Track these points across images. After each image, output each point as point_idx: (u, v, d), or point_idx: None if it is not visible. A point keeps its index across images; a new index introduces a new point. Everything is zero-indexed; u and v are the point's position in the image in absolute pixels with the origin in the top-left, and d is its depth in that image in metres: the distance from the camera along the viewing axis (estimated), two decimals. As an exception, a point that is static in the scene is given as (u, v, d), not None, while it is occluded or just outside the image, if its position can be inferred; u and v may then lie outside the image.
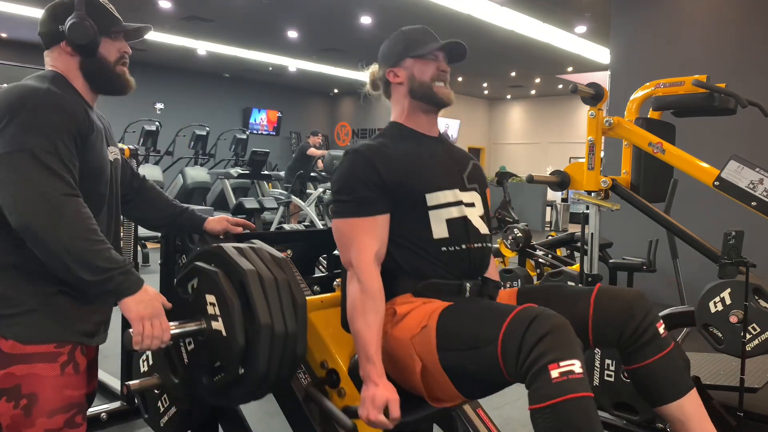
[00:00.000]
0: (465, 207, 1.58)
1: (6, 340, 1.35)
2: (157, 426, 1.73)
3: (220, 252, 1.46)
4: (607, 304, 1.47)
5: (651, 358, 1.44)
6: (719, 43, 5.10)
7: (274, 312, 1.40)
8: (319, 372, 1.62)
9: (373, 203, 1.51)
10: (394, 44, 1.67)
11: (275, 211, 7.47)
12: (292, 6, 8.18)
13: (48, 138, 1.29)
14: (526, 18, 8.25)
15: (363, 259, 1.47)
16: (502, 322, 1.28)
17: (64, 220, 1.26)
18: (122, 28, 1.49)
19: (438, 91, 1.62)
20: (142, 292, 1.33)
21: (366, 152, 1.55)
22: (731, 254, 2.11)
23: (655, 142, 2.33)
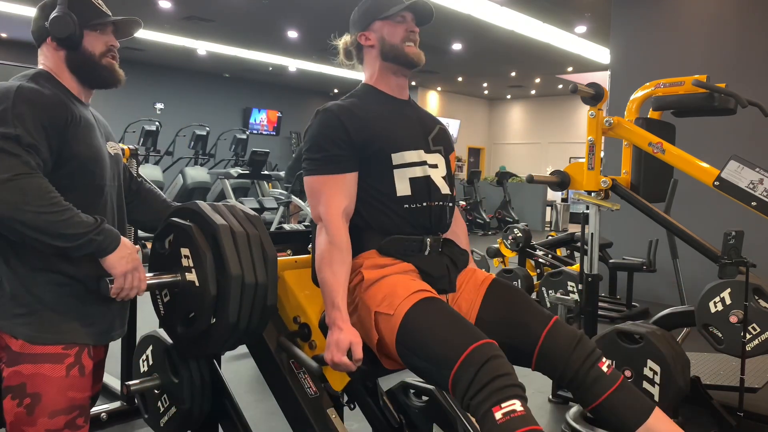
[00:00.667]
0: (428, 167, 1.63)
1: (16, 339, 1.37)
2: (157, 426, 1.73)
3: (194, 208, 1.51)
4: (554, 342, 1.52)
5: (603, 396, 1.48)
6: (719, 43, 5.11)
7: (244, 264, 1.45)
8: (292, 326, 1.69)
9: (341, 161, 1.56)
10: (364, 9, 1.73)
11: (275, 211, 7.47)
12: (292, 6, 8.18)
13: (10, 127, 1.29)
14: (526, 18, 8.25)
15: (331, 213, 1.53)
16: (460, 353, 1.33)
17: (25, 199, 1.26)
18: (107, 21, 1.50)
19: (408, 51, 1.67)
20: (121, 247, 1.36)
21: (335, 111, 1.60)
22: (731, 254, 2.12)
23: (655, 142, 2.33)
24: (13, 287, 1.38)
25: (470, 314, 1.61)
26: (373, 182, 1.60)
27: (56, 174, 1.36)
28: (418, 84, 14.77)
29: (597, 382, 1.49)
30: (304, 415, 1.59)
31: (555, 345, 1.52)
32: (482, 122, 17.21)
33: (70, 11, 1.44)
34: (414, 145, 1.64)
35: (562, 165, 2.51)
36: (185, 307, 1.48)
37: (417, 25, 1.70)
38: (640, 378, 2.14)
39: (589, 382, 1.49)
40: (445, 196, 1.66)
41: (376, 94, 1.72)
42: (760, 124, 3.32)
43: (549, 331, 1.54)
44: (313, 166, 1.58)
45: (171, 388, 1.66)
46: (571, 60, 10.75)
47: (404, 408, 1.90)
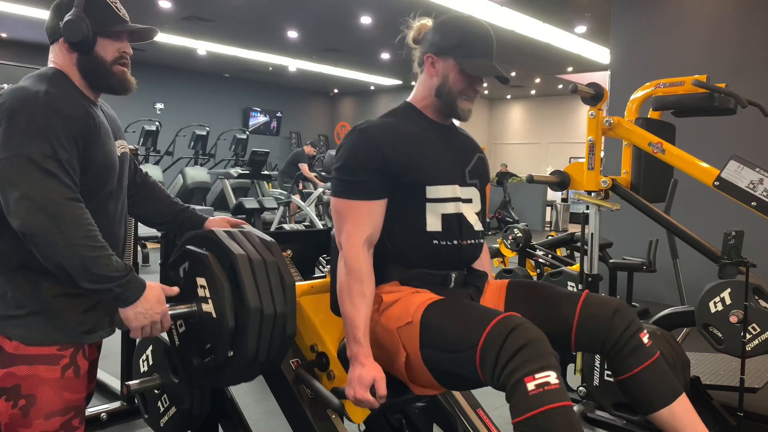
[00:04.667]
0: (462, 203, 1.58)
1: (10, 340, 1.36)
2: (157, 426, 1.73)
3: (210, 236, 1.48)
4: (592, 312, 1.48)
5: (637, 368, 1.45)
6: (719, 43, 5.10)
7: (263, 294, 1.41)
8: (309, 355, 1.64)
9: (371, 187, 1.50)
10: (449, 34, 1.59)
11: (275, 211, 7.47)
12: (292, 6, 8.18)
13: (47, 142, 1.28)
14: (526, 18, 8.25)
15: (353, 242, 1.48)
16: (482, 330, 1.29)
17: (64, 226, 1.25)
18: (122, 30, 1.48)
19: (461, 106, 1.59)
20: (142, 300, 1.33)
21: (373, 133, 1.52)
22: (731, 254, 2.11)
23: (655, 142, 2.33)
24: (6, 288, 1.37)
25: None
26: (403, 212, 1.53)
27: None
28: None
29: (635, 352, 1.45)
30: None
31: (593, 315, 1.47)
32: (482, 122, 17.20)
33: (86, 15, 1.41)
34: (450, 179, 1.56)
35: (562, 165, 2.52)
36: (201, 338, 1.45)
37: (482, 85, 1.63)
38: (640, 378, 2.14)
39: (628, 351, 1.45)
40: (477, 233, 1.61)
41: (417, 115, 1.63)
42: (760, 124, 3.32)
43: (583, 304, 1.49)
44: (341, 188, 1.51)
45: (171, 388, 1.66)
46: (571, 60, 10.75)
47: (404, 408, 1.90)
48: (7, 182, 1.26)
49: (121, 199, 1.55)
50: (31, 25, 9.63)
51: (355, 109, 16.83)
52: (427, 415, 1.87)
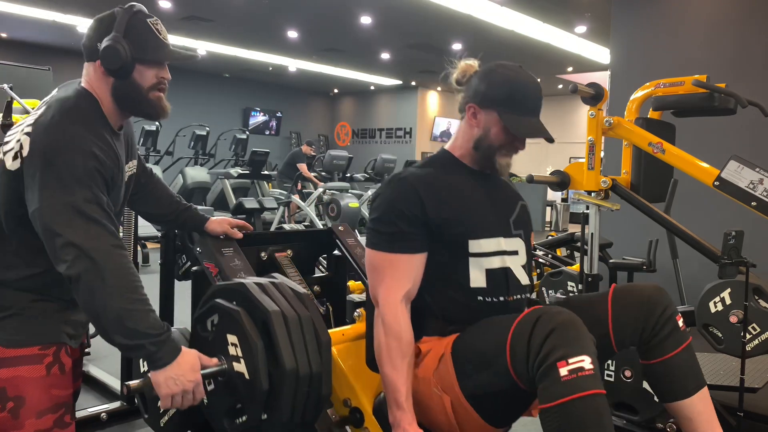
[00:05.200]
0: (507, 256, 1.49)
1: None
2: (157, 426, 1.73)
3: (241, 289, 1.40)
4: (625, 303, 1.44)
5: (669, 354, 1.42)
6: (719, 43, 5.10)
7: (298, 354, 1.34)
8: (342, 410, 1.56)
9: (411, 240, 1.42)
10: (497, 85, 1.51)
11: (275, 211, 7.47)
12: (292, 6, 8.18)
13: (87, 187, 1.27)
14: (526, 18, 8.25)
15: (391, 299, 1.40)
16: (509, 326, 1.25)
17: (106, 274, 1.23)
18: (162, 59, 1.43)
19: (500, 161, 1.54)
20: (174, 365, 1.27)
21: (413, 183, 1.45)
22: (731, 254, 2.11)
23: (655, 142, 2.33)
24: None
25: None
26: (444, 267, 1.45)
27: None
28: (418, 84, 14.76)
29: (669, 337, 1.41)
30: None
31: (626, 305, 1.43)
32: (482, 122, 17.20)
33: (126, 39, 1.35)
34: (494, 232, 1.49)
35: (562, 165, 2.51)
36: (232, 398, 1.38)
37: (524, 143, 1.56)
38: (640, 378, 2.13)
39: (664, 335, 1.41)
40: (524, 288, 1.53)
41: (457, 165, 1.56)
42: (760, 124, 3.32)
43: (613, 298, 1.44)
44: (379, 240, 1.44)
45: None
46: (571, 60, 10.75)
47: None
48: (51, 229, 1.24)
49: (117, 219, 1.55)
50: (31, 25, 9.63)
51: (355, 109, 16.83)
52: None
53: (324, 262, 2.47)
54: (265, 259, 2.14)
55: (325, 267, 2.45)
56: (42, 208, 1.25)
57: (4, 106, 2.57)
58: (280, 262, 2.15)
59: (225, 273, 1.82)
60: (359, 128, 16.50)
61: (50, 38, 10.82)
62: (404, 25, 8.88)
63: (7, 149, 1.34)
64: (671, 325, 1.43)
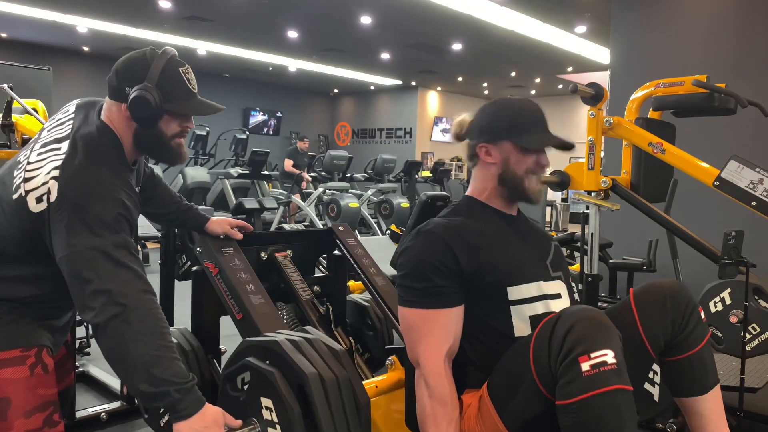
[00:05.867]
0: (550, 301, 1.42)
1: None
2: (157, 426, 1.73)
3: (275, 348, 1.34)
4: (649, 307, 1.39)
5: (693, 350, 1.39)
6: (719, 43, 5.10)
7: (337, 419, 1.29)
8: None
9: (447, 293, 1.35)
10: (497, 119, 1.50)
11: (275, 211, 7.47)
12: (292, 6, 8.18)
13: (116, 232, 1.26)
14: (526, 18, 8.25)
15: (433, 360, 1.33)
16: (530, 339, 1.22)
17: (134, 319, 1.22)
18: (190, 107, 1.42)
19: (529, 187, 1.47)
20: (198, 417, 1.23)
21: (443, 235, 1.38)
22: (731, 254, 2.11)
23: (655, 142, 2.33)
24: None
25: None
26: (484, 318, 1.38)
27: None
28: (418, 84, 14.77)
29: (696, 330, 1.38)
30: None
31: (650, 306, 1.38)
32: (482, 122, 17.20)
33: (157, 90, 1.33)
34: (533, 276, 1.41)
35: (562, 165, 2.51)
36: None
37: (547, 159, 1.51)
38: (640, 378, 2.13)
39: (688, 331, 1.37)
40: None
41: (485, 209, 1.50)
42: (760, 124, 3.32)
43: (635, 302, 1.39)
44: (413, 297, 1.36)
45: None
46: (571, 60, 10.75)
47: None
48: (80, 276, 1.24)
49: None
50: (31, 25, 9.63)
51: (355, 109, 16.82)
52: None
53: (324, 262, 2.47)
54: (265, 259, 2.14)
55: (325, 267, 2.45)
56: (71, 255, 1.24)
57: (4, 106, 2.57)
58: (280, 262, 2.15)
59: (225, 273, 1.82)
60: (359, 128, 16.49)
61: (50, 38, 10.82)
62: (404, 25, 8.88)
63: (30, 188, 1.30)
64: (695, 319, 1.40)
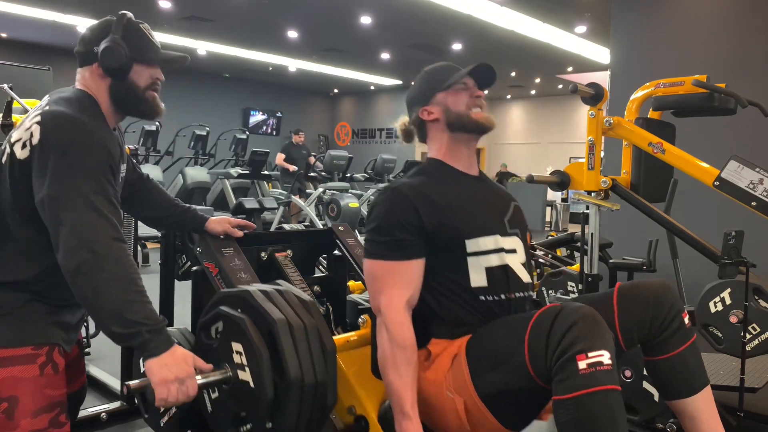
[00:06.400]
0: (506, 254, 1.50)
1: None
2: (157, 426, 1.73)
3: (246, 297, 1.40)
4: (630, 302, 1.44)
5: (673, 351, 1.42)
6: (719, 43, 5.10)
7: (304, 363, 1.34)
8: (346, 418, 1.55)
9: (410, 247, 1.44)
10: (421, 84, 1.64)
11: (275, 211, 7.47)
12: (292, 6, 8.18)
13: (96, 179, 1.29)
14: (526, 18, 8.25)
15: (393, 307, 1.41)
16: (527, 324, 1.25)
17: (106, 266, 1.25)
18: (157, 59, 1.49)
19: (477, 117, 1.58)
20: (168, 354, 1.28)
21: (407, 192, 1.48)
22: (731, 254, 2.11)
23: (655, 142, 2.33)
24: None
25: None
26: (444, 270, 1.47)
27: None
28: (418, 84, 14.74)
29: (676, 334, 1.41)
30: None
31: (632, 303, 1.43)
32: (482, 122, 17.19)
33: (123, 41, 1.42)
34: (490, 230, 1.51)
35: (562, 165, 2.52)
36: (236, 406, 1.39)
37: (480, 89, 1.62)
38: (640, 378, 2.14)
39: (670, 332, 1.42)
40: (526, 286, 1.54)
41: (447, 170, 1.60)
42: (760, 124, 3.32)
43: (618, 298, 1.45)
44: (376, 250, 1.46)
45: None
46: (571, 60, 10.75)
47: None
48: (57, 217, 1.27)
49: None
50: (31, 25, 9.63)
51: (355, 109, 16.83)
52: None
53: (324, 262, 2.47)
54: (265, 259, 2.14)
55: (325, 267, 2.45)
56: (51, 195, 1.27)
57: (4, 106, 2.57)
58: (280, 262, 2.15)
59: (225, 273, 1.82)
60: (359, 128, 16.50)
61: (50, 38, 10.82)
62: (404, 25, 8.88)
63: (15, 139, 1.36)
64: (677, 322, 1.43)
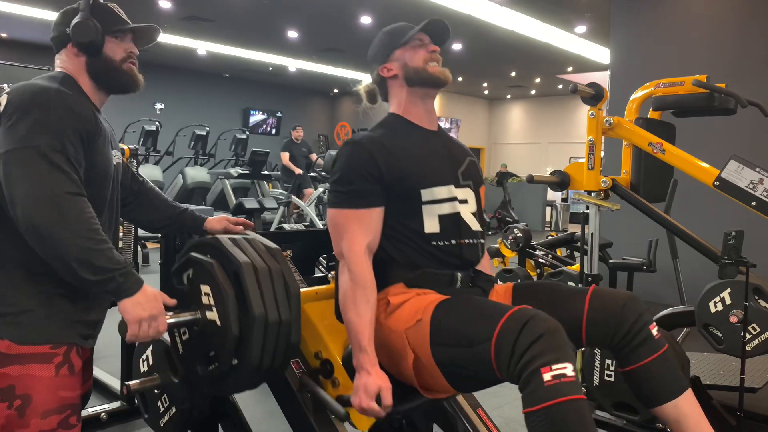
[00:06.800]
0: (458, 203, 1.60)
1: (2, 340, 1.35)
2: (157, 426, 1.73)
3: (215, 243, 1.48)
4: (601, 305, 1.49)
5: (644, 360, 1.46)
6: (719, 43, 5.10)
7: (268, 302, 1.41)
8: (314, 362, 1.64)
9: (369, 195, 1.53)
10: (379, 43, 1.72)
11: (275, 211, 7.47)
12: (292, 6, 8.18)
13: (56, 137, 1.30)
14: (526, 18, 8.25)
15: (354, 250, 1.49)
16: (497, 322, 1.29)
17: (68, 219, 1.26)
18: (127, 28, 1.51)
19: (433, 71, 1.66)
20: (140, 293, 1.33)
21: (366, 144, 1.56)
22: (731, 254, 2.11)
23: (655, 142, 2.33)
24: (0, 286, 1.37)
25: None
26: (401, 218, 1.56)
27: None
28: (418, 84, 14.74)
29: (644, 344, 1.45)
30: None
31: (602, 308, 1.48)
32: (482, 122, 17.21)
33: (92, 17, 1.45)
34: (443, 180, 1.59)
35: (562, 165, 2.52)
36: (206, 346, 1.44)
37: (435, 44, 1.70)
38: (640, 378, 2.14)
39: (637, 342, 1.45)
40: (476, 233, 1.62)
41: (405, 124, 1.67)
42: (760, 124, 3.32)
43: (591, 298, 1.50)
44: (338, 199, 1.54)
45: (171, 388, 1.66)
46: (571, 60, 10.75)
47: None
48: (13, 174, 1.27)
49: (115, 209, 1.57)
50: (31, 25, 9.63)
51: (355, 109, 16.84)
52: (427, 415, 1.87)
53: (324, 262, 2.47)
54: (265, 259, 2.14)
55: (326, 267, 2.45)
56: (7, 153, 1.28)
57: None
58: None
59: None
60: (359, 128, 16.48)
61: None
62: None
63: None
64: (644, 334, 1.46)
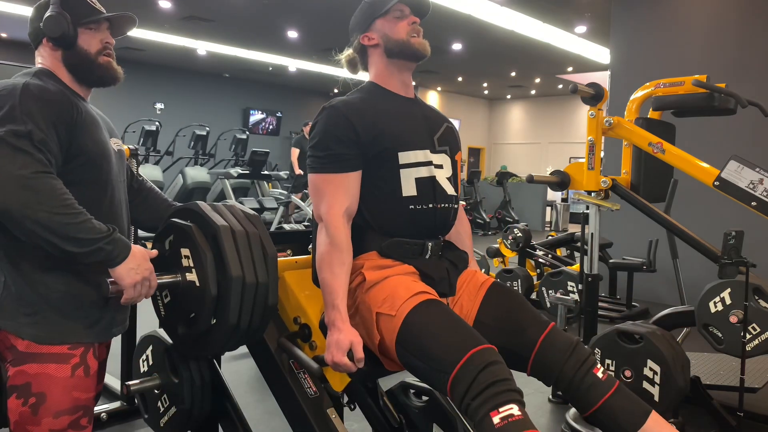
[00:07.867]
0: (434, 168, 1.62)
1: (22, 339, 1.37)
2: (157, 426, 1.73)
3: (194, 208, 1.52)
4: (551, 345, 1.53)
5: (599, 402, 1.49)
6: (719, 43, 5.10)
7: (245, 264, 1.45)
8: (292, 327, 1.69)
9: (346, 160, 1.55)
10: (361, 13, 1.75)
11: (275, 211, 7.48)
12: (292, 6, 8.18)
13: (21, 124, 1.29)
14: (526, 18, 8.25)
15: (332, 213, 1.53)
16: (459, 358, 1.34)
17: (39, 198, 1.25)
18: (99, 18, 1.50)
19: (414, 42, 1.67)
20: (131, 258, 1.35)
21: (342, 108, 1.59)
22: (731, 254, 2.11)
23: (655, 142, 2.33)
24: (18, 287, 1.38)
25: (469, 316, 1.62)
26: (378, 181, 1.59)
27: (64, 169, 1.36)
28: (418, 84, 14.76)
29: (592, 389, 1.49)
30: (304, 416, 1.59)
31: (551, 351, 1.52)
32: (482, 122, 17.20)
33: (63, 10, 1.44)
34: (420, 145, 1.62)
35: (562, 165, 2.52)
36: (186, 307, 1.48)
37: (416, 16, 1.71)
38: (640, 378, 2.14)
39: (584, 389, 1.49)
40: (451, 198, 1.66)
41: (382, 91, 1.70)
42: (760, 124, 3.32)
43: (546, 337, 1.54)
44: (317, 164, 1.57)
45: (171, 388, 1.66)
46: (571, 60, 10.75)
47: (404, 408, 1.90)
48: None
49: (123, 191, 1.58)
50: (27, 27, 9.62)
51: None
52: (427, 415, 1.87)
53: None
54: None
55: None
56: None
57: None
58: (280, 262, 2.15)
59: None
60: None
61: (50, 38, 10.81)
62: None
63: None
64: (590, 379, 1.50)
